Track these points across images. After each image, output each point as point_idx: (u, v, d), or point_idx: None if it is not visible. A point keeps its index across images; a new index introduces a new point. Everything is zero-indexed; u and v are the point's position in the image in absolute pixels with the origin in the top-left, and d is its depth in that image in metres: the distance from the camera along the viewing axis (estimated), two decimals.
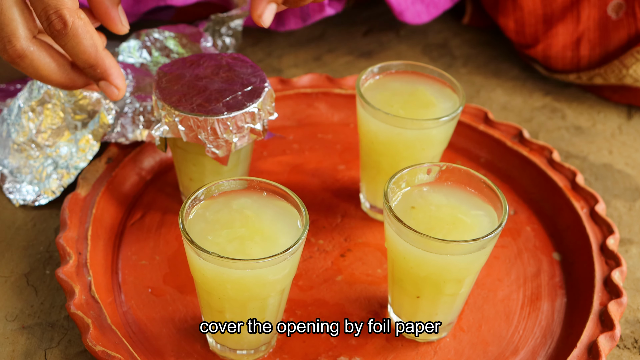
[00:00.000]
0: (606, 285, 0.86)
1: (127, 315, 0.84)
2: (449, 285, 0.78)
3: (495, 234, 0.75)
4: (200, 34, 1.04)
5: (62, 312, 0.85)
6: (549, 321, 0.86)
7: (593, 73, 1.12)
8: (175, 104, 0.85)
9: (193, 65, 0.89)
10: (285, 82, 1.07)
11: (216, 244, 0.73)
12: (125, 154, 0.96)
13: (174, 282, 0.87)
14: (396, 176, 0.79)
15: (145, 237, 0.91)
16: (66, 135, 0.94)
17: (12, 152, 0.94)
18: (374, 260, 0.91)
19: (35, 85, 0.93)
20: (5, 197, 0.95)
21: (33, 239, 0.91)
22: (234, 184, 0.78)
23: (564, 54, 1.13)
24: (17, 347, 0.81)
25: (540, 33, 1.13)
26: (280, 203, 0.77)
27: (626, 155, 1.07)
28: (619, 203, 1.00)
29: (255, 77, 0.88)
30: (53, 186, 0.94)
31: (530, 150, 1.01)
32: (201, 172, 0.91)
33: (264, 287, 0.74)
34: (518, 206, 0.98)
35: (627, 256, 0.94)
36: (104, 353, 0.76)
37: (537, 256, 0.92)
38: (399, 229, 0.76)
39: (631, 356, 0.84)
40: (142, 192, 0.96)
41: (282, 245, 0.73)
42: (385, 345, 0.83)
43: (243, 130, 0.86)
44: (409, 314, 0.82)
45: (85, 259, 0.85)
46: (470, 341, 0.84)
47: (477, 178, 0.80)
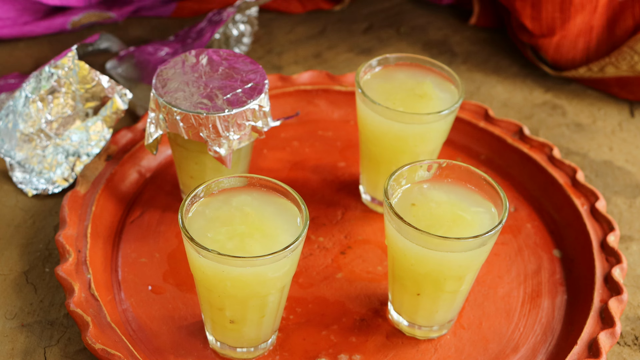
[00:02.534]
0: (606, 282, 0.86)
1: (127, 313, 0.83)
2: (449, 282, 0.78)
3: (495, 230, 0.75)
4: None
5: (61, 310, 0.85)
6: (550, 318, 0.86)
7: (604, 62, 1.11)
8: (175, 102, 0.84)
9: (193, 63, 0.89)
10: (285, 79, 1.07)
11: (216, 241, 0.73)
12: (124, 152, 0.96)
13: (173, 280, 0.87)
14: (396, 173, 0.79)
15: (145, 234, 0.91)
16: (77, 124, 0.94)
17: (20, 143, 0.95)
18: (374, 257, 0.91)
19: (43, 74, 0.93)
20: (4, 195, 0.95)
21: (32, 236, 0.91)
22: (233, 181, 0.78)
23: (576, 43, 1.12)
24: (17, 345, 0.81)
25: (557, 22, 1.12)
26: (280, 200, 0.77)
27: (627, 152, 1.07)
28: (619, 200, 1.00)
29: (254, 73, 0.88)
30: (65, 174, 0.94)
31: (530, 147, 1.00)
32: (202, 170, 0.91)
33: (264, 285, 0.74)
34: (518, 203, 0.98)
35: (627, 253, 0.94)
36: (104, 351, 0.76)
37: (537, 253, 0.92)
38: (399, 226, 0.76)
39: (632, 353, 0.84)
40: (142, 190, 0.96)
41: (282, 242, 0.73)
42: (385, 343, 0.83)
43: (244, 128, 0.85)
44: (409, 311, 0.82)
45: (85, 256, 0.85)
46: (471, 338, 0.84)
47: (478, 175, 0.80)
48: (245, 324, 0.77)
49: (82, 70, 0.93)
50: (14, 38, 1.13)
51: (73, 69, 0.93)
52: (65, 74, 0.93)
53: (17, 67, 1.11)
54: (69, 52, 0.93)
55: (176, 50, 1.08)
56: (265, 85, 0.87)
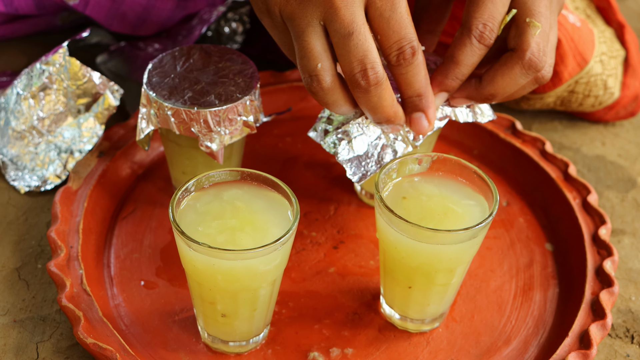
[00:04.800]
0: (598, 275, 0.86)
1: (119, 307, 0.83)
2: (441, 275, 0.78)
3: (486, 223, 0.75)
4: None
5: (53, 305, 0.85)
6: (541, 311, 0.86)
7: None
8: (167, 97, 0.85)
9: (184, 58, 0.89)
10: (278, 75, 1.07)
11: (207, 235, 0.73)
12: (117, 148, 0.96)
13: (166, 275, 0.87)
14: (387, 167, 0.79)
15: (137, 230, 0.91)
16: (69, 120, 0.94)
17: (12, 140, 0.95)
18: (366, 252, 0.91)
19: (35, 71, 0.93)
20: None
21: (25, 233, 0.91)
22: (224, 175, 0.78)
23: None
24: (9, 341, 0.81)
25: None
26: (271, 194, 0.77)
27: (619, 147, 1.07)
28: (611, 194, 1.00)
29: (246, 69, 0.88)
30: (58, 171, 0.94)
31: (523, 141, 1.01)
32: (194, 166, 0.91)
33: (254, 278, 0.74)
34: (511, 197, 0.98)
35: (619, 246, 0.94)
36: (95, 345, 0.76)
37: (529, 247, 0.92)
38: (390, 219, 0.76)
39: (623, 345, 0.84)
40: (134, 186, 0.96)
41: (273, 235, 0.73)
42: (377, 336, 0.83)
43: (236, 123, 0.86)
44: (401, 304, 0.82)
45: (77, 252, 0.85)
46: (463, 331, 0.84)
47: (468, 168, 0.80)
48: (236, 317, 0.77)
49: (73, 67, 0.93)
50: (4, 38, 1.13)
51: (64, 65, 0.93)
52: (57, 70, 0.93)
53: (9, 64, 1.11)
54: (60, 49, 0.93)
55: (166, 46, 1.08)
56: (257, 80, 0.87)
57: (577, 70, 1.01)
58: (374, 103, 0.78)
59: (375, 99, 0.78)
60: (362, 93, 0.77)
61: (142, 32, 1.09)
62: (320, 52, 0.76)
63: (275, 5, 0.77)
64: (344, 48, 0.75)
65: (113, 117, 1.05)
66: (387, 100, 0.78)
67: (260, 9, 0.79)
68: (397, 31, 0.76)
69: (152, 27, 1.09)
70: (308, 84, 0.78)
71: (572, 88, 1.03)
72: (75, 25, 1.16)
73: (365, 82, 0.76)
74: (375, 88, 0.77)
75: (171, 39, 1.10)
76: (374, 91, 0.77)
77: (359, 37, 0.75)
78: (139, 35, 1.10)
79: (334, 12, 0.75)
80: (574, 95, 1.04)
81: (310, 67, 0.77)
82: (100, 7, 1.06)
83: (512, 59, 0.80)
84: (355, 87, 0.77)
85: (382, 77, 0.77)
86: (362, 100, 0.78)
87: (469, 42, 0.80)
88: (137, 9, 1.07)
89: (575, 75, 1.01)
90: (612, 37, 1.08)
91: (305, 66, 0.77)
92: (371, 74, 0.76)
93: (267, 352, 0.81)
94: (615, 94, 1.05)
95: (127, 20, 1.07)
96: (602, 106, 1.05)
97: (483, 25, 0.79)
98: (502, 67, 0.81)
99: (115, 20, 1.07)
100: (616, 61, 1.05)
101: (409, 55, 0.77)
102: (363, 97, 0.78)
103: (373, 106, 0.79)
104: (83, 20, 1.14)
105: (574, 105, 1.06)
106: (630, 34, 1.08)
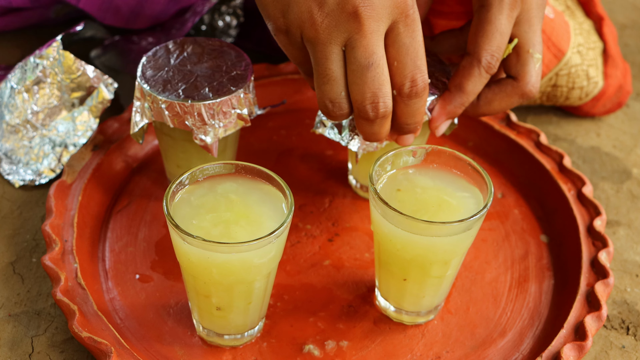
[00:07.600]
0: (593, 266, 0.86)
1: (114, 301, 0.83)
2: (435, 267, 0.78)
3: (480, 214, 0.75)
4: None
5: (48, 300, 0.84)
6: (537, 303, 0.86)
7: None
8: (160, 91, 0.84)
9: (177, 52, 0.89)
10: (273, 68, 1.07)
11: (201, 228, 0.73)
12: (111, 142, 0.96)
13: (160, 269, 0.87)
14: (382, 159, 0.79)
15: (132, 224, 0.91)
16: (63, 114, 0.94)
17: (6, 134, 0.94)
18: (361, 244, 0.91)
19: (29, 65, 0.93)
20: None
21: (19, 227, 0.91)
22: (218, 168, 0.78)
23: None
24: (4, 335, 0.81)
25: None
26: (265, 187, 0.77)
27: (614, 138, 1.07)
28: (606, 185, 1.00)
29: (240, 62, 0.88)
30: (52, 165, 0.94)
31: (517, 133, 1.01)
32: (188, 159, 0.91)
33: (249, 271, 0.74)
34: (506, 189, 0.98)
35: (614, 238, 0.94)
36: (90, 339, 0.76)
37: (524, 238, 0.92)
38: (385, 211, 0.76)
39: (618, 336, 0.84)
40: (129, 180, 0.96)
41: (267, 228, 0.73)
42: (373, 329, 0.83)
43: (230, 116, 0.85)
44: (396, 297, 0.82)
45: (72, 246, 0.85)
46: (458, 323, 0.84)
47: (463, 160, 0.80)
48: (231, 310, 0.77)
49: (67, 60, 0.93)
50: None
51: (58, 59, 0.92)
52: (51, 64, 0.93)
53: (3, 58, 1.11)
54: (54, 42, 0.93)
55: (160, 39, 1.08)
56: (251, 73, 0.87)
57: (555, 62, 1.01)
58: (373, 131, 0.79)
59: (376, 129, 0.79)
60: (367, 122, 0.78)
61: (135, 25, 1.09)
62: (340, 78, 0.77)
63: (298, 27, 0.76)
64: (360, 78, 0.75)
65: (107, 110, 1.05)
66: (386, 129, 0.80)
67: (278, 28, 0.77)
68: (413, 60, 0.77)
69: (145, 20, 1.09)
70: (328, 109, 0.78)
71: (554, 82, 1.03)
72: (69, 18, 1.15)
73: (373, 114, 0.77)
74: (381, 120, 0.78)
75: (165, 32, 1.09)
76: (379, 122, 0.78)
77: (377, 69, 0.75)
78: (132, 28, 1.10)
79: (359, 38, 0.74)
80: (558, 89, 1.04)
81: (333, 94, 0.77)
82: (93, 0, 1.05)
83: (513, 88, 0.84)
84: (361, 117, 0.78)
85: (390, 110, 0.78)
86: (363, 127, 0.79)
87: (477, 72, 0.82)
88: (131, 2, 1.06)
89: (553, 68, 1.01)
90: (591, 29, 1.08)
91: (327, 93, 0.77)
92: (381, 107, 0.77)
93: (262, 345, 0.81)
94: (600, 83, 1.04)
95: (121, 13, 1.07)
96: (589, 97, 1.05)
97: (491, 56, 0.81)
98: (501, 93, 0.84)
99: (109, 13, 1.07)
100: (595, 52, 1.05)
101: (420, 89, 0.78)
102: (366, 125, 0.79)
103: (371, 133, 0.80)
104: (76, 13, 1.14)
105: (561, 99, 1.06)
106: (608, 27, 1.09)
